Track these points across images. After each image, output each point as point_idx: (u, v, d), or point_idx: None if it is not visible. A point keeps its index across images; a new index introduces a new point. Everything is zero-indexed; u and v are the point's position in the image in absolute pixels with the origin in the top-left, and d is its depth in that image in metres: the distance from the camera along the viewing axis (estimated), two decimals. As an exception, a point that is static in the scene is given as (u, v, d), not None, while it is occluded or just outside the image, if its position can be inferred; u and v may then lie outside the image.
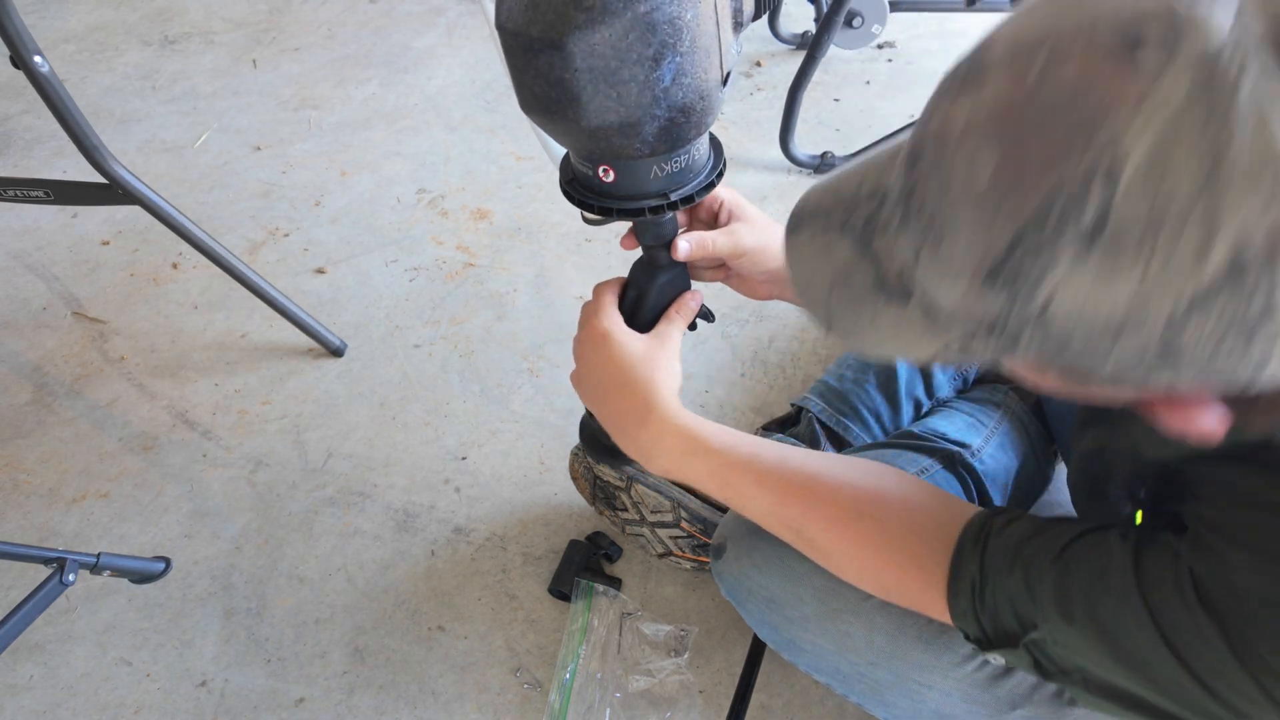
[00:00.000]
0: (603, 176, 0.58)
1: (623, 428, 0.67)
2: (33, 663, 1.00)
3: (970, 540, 0.56)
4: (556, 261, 1.44)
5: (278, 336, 1.33)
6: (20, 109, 1.82)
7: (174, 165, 1.67)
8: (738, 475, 0.64)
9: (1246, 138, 0.26)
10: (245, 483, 1.15)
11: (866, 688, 0.73)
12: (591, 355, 0.68)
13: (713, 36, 0.52)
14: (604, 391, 0.68)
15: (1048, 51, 0.30)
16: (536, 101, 0.53)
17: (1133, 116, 0.28)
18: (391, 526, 1.10)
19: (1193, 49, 0.27)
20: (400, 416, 1.22)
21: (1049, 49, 0.30)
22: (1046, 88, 0.30)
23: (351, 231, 1.51)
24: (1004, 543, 0.53)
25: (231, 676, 0.97)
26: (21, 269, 1.47)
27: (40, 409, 1.26)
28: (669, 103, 0.52)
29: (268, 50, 1.98)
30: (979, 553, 0.55)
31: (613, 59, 0.49)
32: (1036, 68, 0.30)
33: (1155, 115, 0.27)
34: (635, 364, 0.65)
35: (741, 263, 0.70)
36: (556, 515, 1.09)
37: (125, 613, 1.03)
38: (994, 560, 0.54)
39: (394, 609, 1.02)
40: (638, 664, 0.95)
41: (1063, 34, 0.30)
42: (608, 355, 0.66)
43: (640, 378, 0.65)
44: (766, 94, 1.78)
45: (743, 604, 0.80)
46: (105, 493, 1.15)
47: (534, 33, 0.49)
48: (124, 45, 2.02)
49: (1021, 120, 0.30)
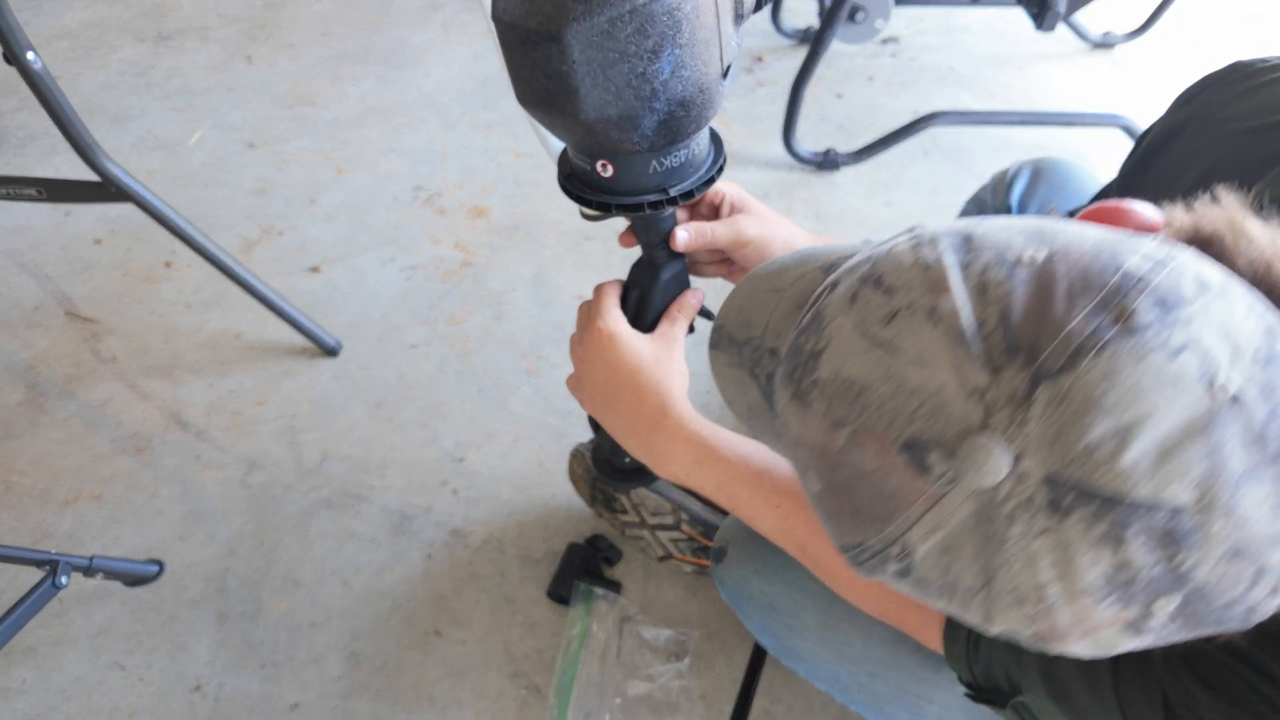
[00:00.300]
0: (601, 171, 0.57)
1: (633, 432, 0.65)
2: (25, 666, 0.98)
3: None
4: (555, 260, 1.43)
5: (272, 336, 1.32)
6: (13, 106, 1.80)
7: (168, 163, 1.66)
8: (748, 490, 0.63)
9: (1014, 570, 0.30)
10: (239, 484, 1.14)
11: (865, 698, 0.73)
12: (596, 358, 0.66)
13: (712, 29, 0.51)
14: (612, 395, 0.66)
15: (850, 433, 0.32)
16: (534, 95, 0.52)
17: (922, 515, 0.31)
18: (388, 529, 1.09)
19: (972, 482, 0.30)
20: (397, 417, 1.21)
21: (851, 431, 0.32)
22: (851, 457, 0.33)
23: (347, 230, 1.50)
24: None
25: (226, 681, 0.96)
26: (13, 268, 1.46)
27: (33, 409, 1.24)
28: (668, 96, 0.50)
29: (263, 46, 1.97)
30: None
31: (611, 51, 0.47)
32: (844, 434, 0.33)
33: (942, 523, 0.31)
34: (645, 367, 0.64)
35: (745, 254, 0.69)
36: (555, 517, 1.08)
37: (118, 616, 1.02)
38: None
39: (390, 613, 1.01)
40: (638, 669, 0.94)
41: (864, 421, 0.32)
42: (616, 358, 0.65)
43: (651, 380, 0.64)
44: (769, 90, 1.77)
45: (743, 609, 0.79)
46: (98, 494, 1.14)
47: (531, 24, 0.48)
48: (118, 42, 2.00)
49: (833, 473, 0.34)
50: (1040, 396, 0.29)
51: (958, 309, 0.31)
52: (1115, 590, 0.29)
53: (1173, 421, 0.28)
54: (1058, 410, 0.29)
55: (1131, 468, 0.28)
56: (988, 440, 0.29)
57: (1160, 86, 1.72)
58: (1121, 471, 0.28)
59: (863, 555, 0.34)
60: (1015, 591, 0.30)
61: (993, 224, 0.33)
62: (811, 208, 1.51)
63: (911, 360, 0.31)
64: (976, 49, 1.83)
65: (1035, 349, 0.29)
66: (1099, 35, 1.82)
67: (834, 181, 1.55)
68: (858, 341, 0.33)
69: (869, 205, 1.50)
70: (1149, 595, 0.29)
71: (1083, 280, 0.30)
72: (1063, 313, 0.29)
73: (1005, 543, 0.30)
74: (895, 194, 1.52)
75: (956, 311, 0.31)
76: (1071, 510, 0.29)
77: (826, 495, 0.35)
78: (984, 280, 0.31)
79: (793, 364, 0.36)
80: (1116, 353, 0.28)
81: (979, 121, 1.58)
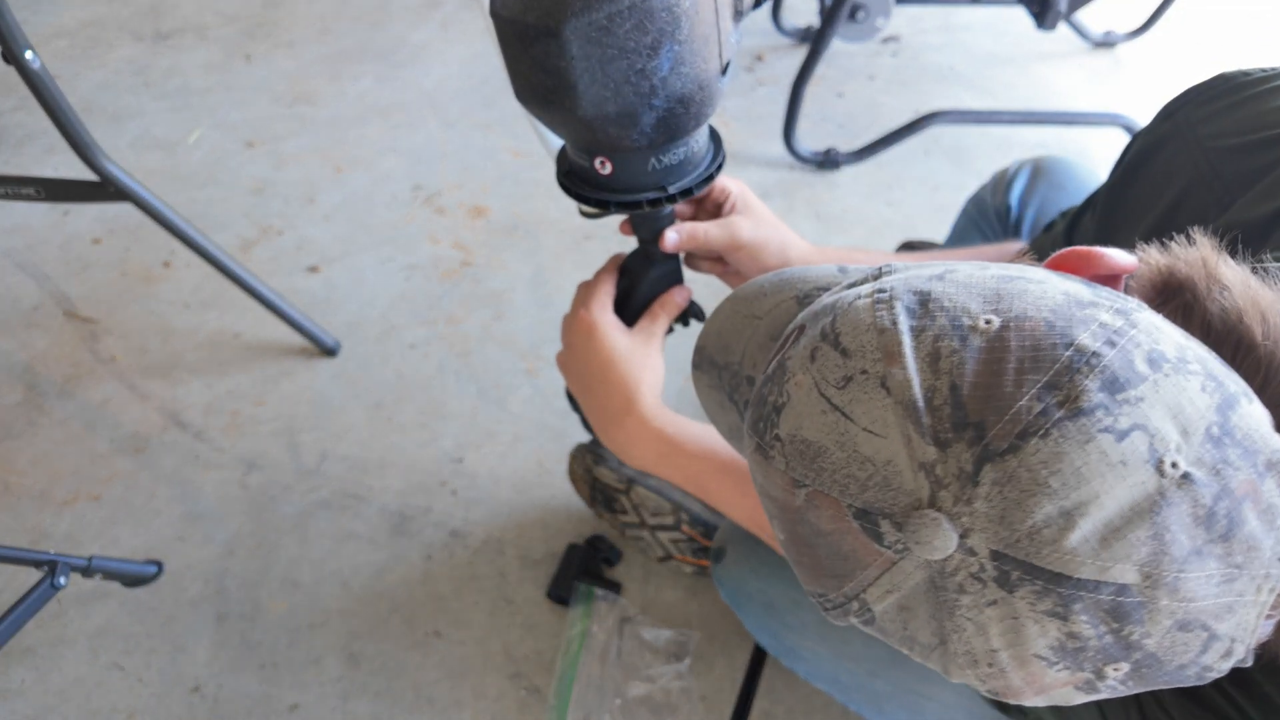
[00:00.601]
0: (600, 169, 0.56)
1: (601, 423, 0.67)
2: (24, 667, 0.98)
3: None
4: (555, 260, 1.42)
5: (271, 336, 1.31)
6: (11, 105, 1.80)
7: (166, 162, 1.66)
8: (715, 481, 0.64)
9: (966, 635, 0.31)
10: (238, 485, 1.14)
11: (865, 697, 0.72)
12: (578, 344, 0.68)
13: (712, 25, 0.50)
14: (586, 384, 0.68)
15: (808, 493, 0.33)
16: (532, 91, 0.52)
17: (877, 577, 0.32)
18: (387, 530, 1.08)
19: (921, 555, 0.30)
20: (396, 418, 1.20)
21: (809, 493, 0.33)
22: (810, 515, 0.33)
23: (346, 229, 1.50)
24: None
25: (224, 682, 0.96)
26: (12, 268, 1.45)
27: (31, 410, 1.24)
28: (667, 92, 0.50)
29: (261, 45, 1.96)
30: None
31: (610, 46, 0.47)
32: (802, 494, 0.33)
33: (897, 586, 0.31)
34: (617, 360, 0.65)
35: (739, 257, 0.69)
36: (555, 518, 1.08)
37: (117, 616, 1.02)
38: None
39: (389, 614, 1.00)
40: (638, 670, 0.93)
41: (820, 484, 0.32)
42: (592, 348, 0.66)
43: (620, 373, 0.65)
44: (769, 89, 1.76)
45: (742, 609, 0.79)
46: (97, 495, 1.14)
47: (530, 20, 0.48)
48: (116, 41, 2.00)
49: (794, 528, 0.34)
50: (986, 476, 0.29)
51: (910, 379, 0.31)
52: (1065, 657, 0.30)
53: (1119, 503, 0.28)
54: (1003, 490, 0.29)
55: (1076, 548, 0.28)
56: (934, 518, 0.29)
57: (1162, 86, 1.72)
58: (1067, 552, 0.28)
59: (826, 604, 0.35)
60: (969, 654, 0.31)
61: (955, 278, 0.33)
62: (812, 207, 1.50)
63: (864, 428, 0.31)
64: (978, 48, 1.82)
65: (982, 427, 0.29)
66: (1100, 34, 1.82)
67: (835, 181, 1.55)
68: (816, 401, 0.33)
69: (870, 204, 1.50)
70: (1099, 661, 0.30)
71: (1033, 356, 0.30)
72: (1011, 390, 0.29)
73: (956, 610, 0.30)
74: (896, 193, 1.52)
75: (908, 382, 0.31)
76: (1019, 585, 0.29)
77: (789, 546, 0.36)
78: (936, 349, 0.31)
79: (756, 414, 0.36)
80: (1063, 435, 0.28)
81: (980, 121, 1.58)
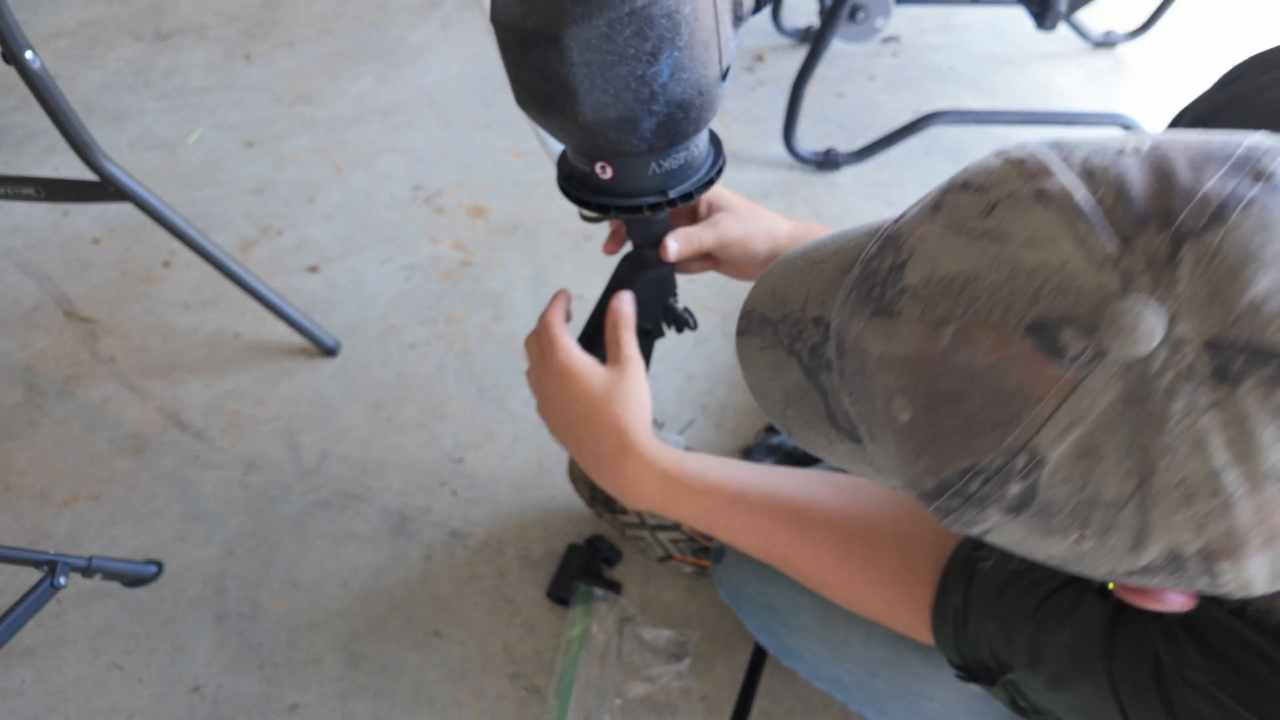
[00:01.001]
0: (600, 173, 0.57)
1: (597, 469, 0.64)
2: (24, 667, 0.98)
3: (957, 571, 0.56)
4: (555, 260, 1.42)
5: (271, 336, 1.31)
6: (11, 105, 1.80)
7: (166, 162, 1.66)
8: (724, 516, 0.62)
9: (1179, 458, 0.25)
10: (238, 485, 1.14)
11: (866, 697, 0.73)
12: (554, 395, 0.65)
13: (711, 30, 0.50)
14: (573, 434, 0.64)
15: (956, 330, 0.28)
16: (533, 97, 0.52)
17: (1055, 409, 0.27)
18: (386, 530, 1.08)
19: (1120, 355, 0.26)
20: (395, 418, 1.21)
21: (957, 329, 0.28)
22: (960, 357, 0.28)
23: (346, 229, 1.50)
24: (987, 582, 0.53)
25: (224, 682, 0.96)
26: (11, 268, 1.45)
27: (31, 409, 1.24)
28: (667, 98, 0.50)
29: (261, 45, 1.96)
30: (964, 585, 0.54)
31: (610, 53, 0.47)
32: (948, 333, 0.29)
33: (1081, 417, 0.26)
34: (598, 404, 0.62)
35: (730, 252, 0.68)
36: (555, 518, 1.08)
37: (117, 616, 1.02)
38: (977, 599, 0.53)
39: (389, 614, 1.01)
40: (638, 670, 0.93)
41: (974, 313, 0.28)
42: (570, 397, 0.63)
43: (607, 417, 0.62)
44: (769, 89, 1.76)
45: (742, 609, 0.79)
46: (97, 495, 1.14)
47: (530, 26, 0.48)
48: (116, 40, 2.00)
49: (934, 384, 0.29)
50: (1186, 256, 0.25)
51: (1068, 189, 0.28)
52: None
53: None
54: (1209, 267, 0.25)
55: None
56: (1134, 304, 0.26)
57: (1162, 86, 1.72)
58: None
59: (972, 486, 0.29)
60: (1182, 486, 0.26)
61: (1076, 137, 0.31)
62: (812, 207, 1.50)
63: (1024, 243, 0.27)
64: (978, 48, 1.82)
65: (1169, 214, 0.26)
66: (1100, 34, 1.82)
67: (835, 181, 1.55)
68: (952, 239, 0.30)
69: (870, 205, 1.50)
70: None
71: (1204, 155, 0.27)
72: (1191, 180, 0.26)
73: (1165, 424, 0.25)
74: (896, 193, 1.52)
75: (1068, 191, 0.27)
76: (1243, 376, 0.25)
77: (922, 419, 0.30)
78: (1089, 167, 0.28)
79: (867, 287, 0.32)
80: (1267, 205, 0.25)
81: (980, 121, 1.58)
